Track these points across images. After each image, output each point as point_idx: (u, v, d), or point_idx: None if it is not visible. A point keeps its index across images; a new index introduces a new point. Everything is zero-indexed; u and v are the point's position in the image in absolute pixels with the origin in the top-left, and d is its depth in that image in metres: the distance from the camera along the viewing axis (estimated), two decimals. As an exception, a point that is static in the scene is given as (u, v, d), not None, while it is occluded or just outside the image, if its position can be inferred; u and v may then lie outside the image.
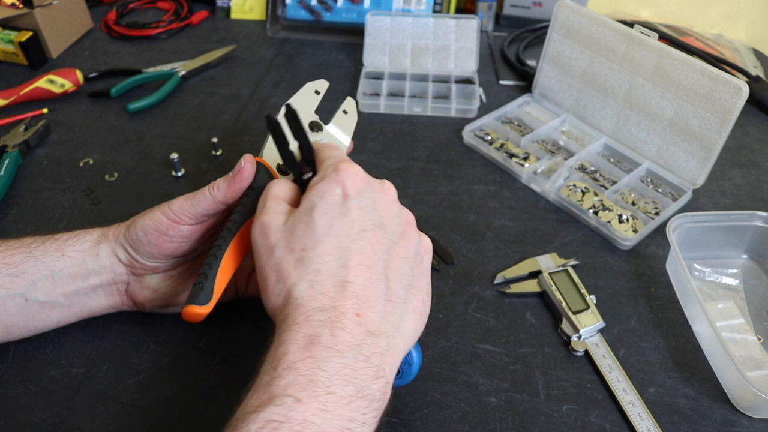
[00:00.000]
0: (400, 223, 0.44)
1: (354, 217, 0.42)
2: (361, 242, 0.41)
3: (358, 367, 0.38)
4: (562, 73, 0.81)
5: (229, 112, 0.85)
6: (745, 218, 0.63)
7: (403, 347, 0.42)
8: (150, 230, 0.50)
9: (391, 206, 0.44)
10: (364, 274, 0.40)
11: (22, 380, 0.52)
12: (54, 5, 0.93)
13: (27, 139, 0.76)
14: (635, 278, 0.63)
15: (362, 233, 0.41)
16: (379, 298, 0.40)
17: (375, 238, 0.42)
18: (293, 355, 0.37)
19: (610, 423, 0.51)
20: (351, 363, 0.37)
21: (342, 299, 0.39)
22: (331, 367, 0.37)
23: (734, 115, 0.65)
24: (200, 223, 0.51)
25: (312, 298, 0.39)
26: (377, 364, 0.39)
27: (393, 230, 0.43)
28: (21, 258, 0.50)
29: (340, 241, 0.41)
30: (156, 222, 0.50)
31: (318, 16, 1.02)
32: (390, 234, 0.43)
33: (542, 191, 0.72)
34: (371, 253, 0.41)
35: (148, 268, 0.52)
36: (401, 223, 0.44)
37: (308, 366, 0.36)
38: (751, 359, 0.55)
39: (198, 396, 0.52)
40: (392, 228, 0.43)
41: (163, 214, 0.50)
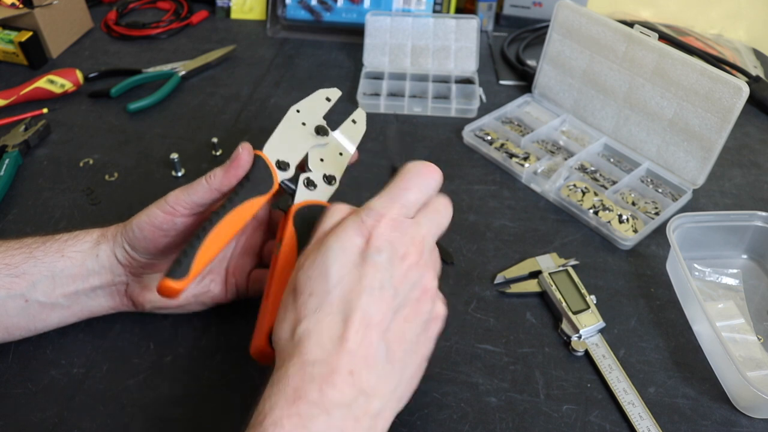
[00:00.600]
0: (415, 289, 0.41)
1: (366, 272, 0.40)
2: (366, 299, 0.39)
3: (346, 427, 0.36)
4: (562, 73, 0.81)
5: (229, 112, 0.85)
6: (745, 218, 0.63)
7: (395, 411, 0.41)
8: (145, 226, 0.50)
9: (410, 273, 0.41)
10: (363, 333, 0.38)
11: (22, 380, 0.52)
12: (54, 5, 0.93)
13: (27, 139, 0.76)
14: (635, 278, 0.63)
15: (371, 290, 0.39)
16: (378, 359, 0.39)
17: (383, 298, 0.40)
18: (280, 410, 0.36)
19: (610, 423, 0.51)
20: (338, 423, 0.36)
21: (336, 355, 0.37)
22: (317, 427, 0.35)
23: (734, 115, 0.65)
24: (195, 214, 0.51)
25: (308, 349, 0.38)
26: (367, 426, 0.37)
27: (405, 295, 0.41)
28: (21, 259, 0.50)
29: (345, 294, 0.39)
30: (152, 217, 0.50)
31: (318, 16, 1.02)
32: (401, 298, 0.40)
33: (542, 191, 0.72)
34: (376, 313, 0.39)
35: (145, 266, 0.52)
36: (416, 289, 0.41)
37: (293, 424, 0.35)
38: (751, 359, 0.55)
39: (198, 396, 0.52)
40: (404, 292, 0.41)
41: (159, 208, 0.50)
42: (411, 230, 0.42)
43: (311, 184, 0.54)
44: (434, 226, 0.44)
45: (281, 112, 0.84)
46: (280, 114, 0.84)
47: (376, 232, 0.41)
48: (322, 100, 0.59)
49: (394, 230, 0.41)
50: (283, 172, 0.54)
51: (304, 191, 0.53)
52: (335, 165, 0.56)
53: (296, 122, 0.57)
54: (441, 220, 0.45)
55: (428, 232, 0.43)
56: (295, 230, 0.50)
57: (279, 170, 0.53)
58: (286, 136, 0.56)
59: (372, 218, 0.41)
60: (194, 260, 0.46)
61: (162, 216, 0.50)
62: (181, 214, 0.50)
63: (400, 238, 0.41)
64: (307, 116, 0.58)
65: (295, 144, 0.56)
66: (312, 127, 0.57)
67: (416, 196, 0.44)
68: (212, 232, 0.48)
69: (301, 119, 0.57)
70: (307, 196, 0.53)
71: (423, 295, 0.42)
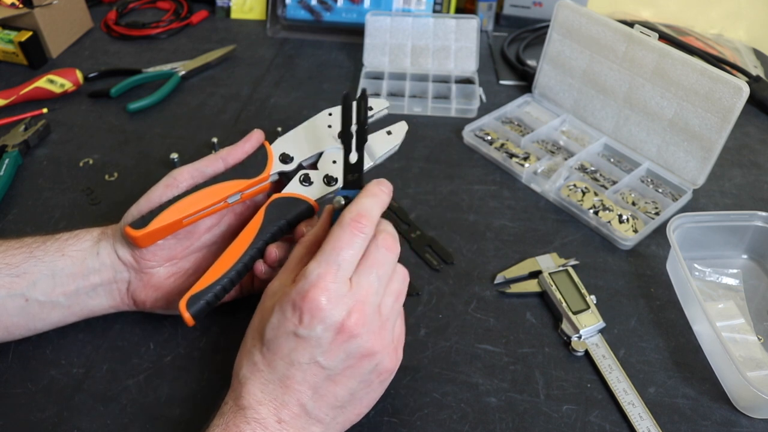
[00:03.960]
0: (350, 358, 0.42)
1: (297, 346, 0.42)
2: (295, 371, 0.42)
3: None
4: (562, 73, 0.81)
5: (229, 112, 0.85)
6: (745, 218, 0.63)
7: None
8: (144, 204, 0.51)
9: (344, 345, 0.42)
10: (293, 397, 0.42)
11: (22, 380, 0.52)
12: (54, 5, 0.93)
13: (27, 139, 0.76)
14: (635, 278, 0.63)
15: (299, 364, 0.42)
16: (307, 414, 0.43)
17: (311, 370, 0.42)
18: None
19: (610, 423, 0.51)
20: None
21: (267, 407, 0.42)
22: None
23: (734, 115, 0.65)
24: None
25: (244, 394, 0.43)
26: None
27: (333, 367, 0.42)
28: (21, 258, 0.50)
29: (277, 362, 0.42)
30: (150, 194, 0.51)
31: (318, 16, 1.02)
32: (330, 369, 0.42)
33: (542, 191, 0.72)
34: (302, 381, 0.42)
35: (149, 260, 0.52)
36: (351, 358, 0.43)
37: None
38: (751, 359, 0.55)
39: (198, 396, 0.52)
40: (336, 363, 0.42)
41: (159, 183, 0.52)
42: (346, 299, 0.42)
43: (307, 180, 0.54)
44: (375, 280, 0.43)
45: (281, 112, 0.85)
46: (280, 114, 0.85)
47: (307, 306, 0.41)
48: None
49: (328, 302, 0.41)
50: (284, 164, 0.54)
51: (296, 185, 0.54)
52: None
53: (322, 123, 0.57)
54: (383, 270, 0.44)
55: (368, 293, 0.43)
56: (264, 215, 0.52)
57: (282, 163, 0.54)
58: (304, 134, 0.56)
59: (305, 290, 0.41)
60: (156, 216, 0.49)
61: (161, 189, 0.51)
62: (180, 184, 0.51)
63: (334, 310, 0.41)
64: (338, 121, 0.57)
65: (310, 142, 0.56)
66: (337, 131, 0.57)
67: (350, 253, 0.43)
68: (184, 199, 0.50)
69: (328, 122, 0.58)
70: (296, 190, 0.54)
71: (359, 361, 0.43)
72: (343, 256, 0.42)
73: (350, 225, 0.43)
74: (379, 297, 0.44)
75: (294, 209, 0.53)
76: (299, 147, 0.56)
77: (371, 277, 0.43)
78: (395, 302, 0.45)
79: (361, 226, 0.43)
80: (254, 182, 0.53)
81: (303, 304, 0.41)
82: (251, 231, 0.51)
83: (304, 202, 0.53)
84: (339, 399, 0.43)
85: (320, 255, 0.43)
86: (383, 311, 0.44)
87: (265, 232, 0.51)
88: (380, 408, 0.51)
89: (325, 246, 0.43)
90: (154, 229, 0.49)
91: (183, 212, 0.50)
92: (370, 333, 0.42)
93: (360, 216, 0.43)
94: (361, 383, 0.44)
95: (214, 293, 0.49)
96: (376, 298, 0.43)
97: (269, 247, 0.51)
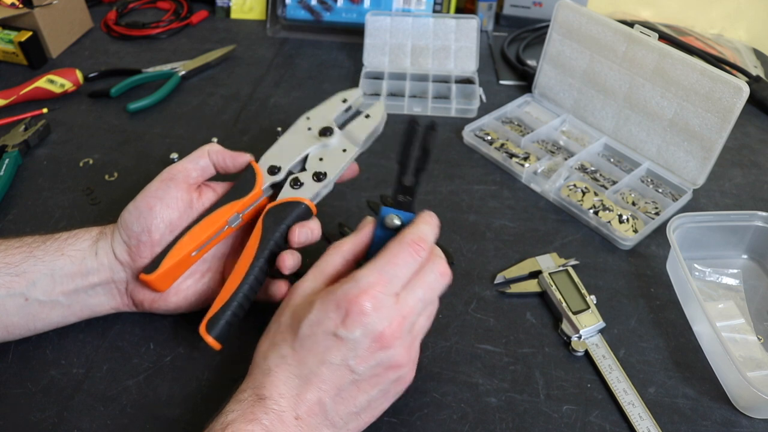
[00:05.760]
0: (378, 366, 0.43)
1: (332, 345, 0.42)
2: (324, 369, 0.43)
3: None
4: (562, 73, 0.81)
5: (228, 111, 0.85)
6: (745, 218, 0.63)
7: None
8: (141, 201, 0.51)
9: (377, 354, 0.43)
10: (315, 393, 0.43)
11: (22, 380, 0.52)
12: (54, 5, 0.93)
13: (27, 138, 0.76)
14: (635, 278, 0.63)
15: (330, 364, 0.42)
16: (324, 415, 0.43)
17: (340, 373, 0.43)
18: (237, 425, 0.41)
19: (610, 423, 0.51)
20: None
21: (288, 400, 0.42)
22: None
23: (734, 115, 0.65)
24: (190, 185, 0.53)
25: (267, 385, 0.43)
26: None
27: (364, 371, 0.43)
28: (21, 258, 0.50)
29: (308, 358, 0.43)
30: (145, 193, 0.52)
31: (318, 16, 1.02)
32: (359, 374, 0.43)
33: (542, 191, 0.72)
34: (328, 381, 0.43)
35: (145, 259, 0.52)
36: (379, 367, 0.43)
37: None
38: (751, 359, 0.55)
39: (198, 396, 0.52)
40: (364, 370, 0.43)
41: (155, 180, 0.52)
42: (391, 311, 0.43)
43: (297, 183, 0.55)
44: (419, 303, 0.45)
45: (281, 112, 0.85)
46: (280, 114, 0.85)
47: (353, 309, 0.42)
48: (338, 102, 0.60)
49: (374, 310, 0.42)
50: (273, 176, 0.55)
51: (288, 190, 0.55)
52: (332, 162, 0.56)
53: (302, 128, 0.58)
54: (430, 295, 0.46)
55: (411, 310, 0.44)
56: (262, 225, 0.53)
57: (271, 175, 0.55)
58: (287, 143, 0.57)
59: (353, 294, 0.42)
60: (166, 256, 0.50)
61: (157, 184, 0.52)
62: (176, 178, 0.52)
63: (377, 318, 0.42)
64: (316, 121, 0.58)
65: (293, 148, 0.57)
66: (317, 130, 0.58)
67: (404, 271, 0.44)
68: (188, 234, 0.51)
69: (308, 125, 0.58)
70: (290, 194, 0.54)
71: (386, 371, 0.44)
72: (397, 272, 0.44)
73: (411, 245, 0.45)
74: (418, 316, 0.45)
75: (291, 212, 0.53)
76: (284, 156, 0.56)
77: (417, 296, 0.44)
78: (427, 324, 0.47)
79: (420, 249, 0.45)
80: (249, 200, 0.54)
81: (349, 306, 0.42)
82: (253, 244, 0.52)
83: (299, 204, 0.54)
84: (357, 405, 0.44)
85: (374, 264, 0.44)
86: (415, 329, 0.46)
87: (267, 241, 0.52)
88: (380, 408, 0.51)
89: (380, 258, 0.44)
90: (167, 269, 0.50)
91: (189, 247, 0.51)
92: (401, 347, 0.44)
93: (421, 240, 0.45)
94: (380, 392, 0.45)
95: (233, 311, 0.50)
96: (414, 317, 0.45)
97: (282, 255, 0.52)
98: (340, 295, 0.43)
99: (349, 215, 0.68)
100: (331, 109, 0.59)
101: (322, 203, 0.56)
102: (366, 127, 0.58)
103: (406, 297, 0.44)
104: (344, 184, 0.72)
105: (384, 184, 0.72)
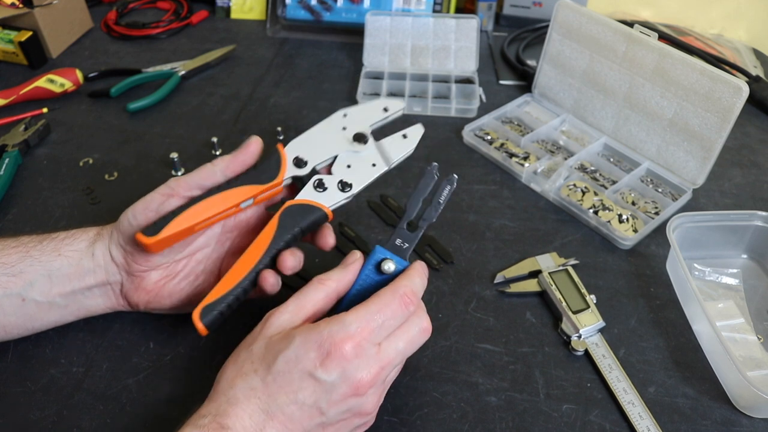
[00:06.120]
0: (348, 412, 0.43)
1: (306, 386, 0.42)
2: (294, 408, 0.42)
3: None
4: (562, 73, 0.81)
5: (228, 111, 0.85)
6: (745, 218, 0.63)
7: None
8: (140, 212, 0.50)
9: (349, 400, 0.43)
10: (278, 431, 0.42)
11: (22, 379, 0.52)
12: (54, 5, 0.93)
13: (27, 138, 0.76)
14: (635, 278, 0.63)
15: (301, 404, 0.42)
16: None
17: (309, 414, 0.42)
18: None
19: (610, 422, 0.51)
20: None
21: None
22: None
23: (734, 115, 0.65)
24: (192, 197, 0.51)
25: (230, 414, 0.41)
26: None
27: (333, 416, 0.43)
28: (18, 258, 0.50)
29: (279, 395, 0.42)
30: (147, 201, 0.50)
31: (318, 16, 1.02)
32: (326, 417, 0.42)
33: (542, 191, 0.72)
34: (296, 420, 0.42)
35: (139, 262, 0.51)
36: (348, 413, 0.43)
37: None
38: (751, 359, 0.55)
39: (198, 396, 0.51)
40: (333, 414, 0.43)
41: (157, 192, 0.51)
42: (371, 361, 0.43)
43: (321, 186, 0.53)
44: (399, 355, 0.44)
45: (281, 112, 0.85)
46: (280, 114, 0.85)
47: (335, 353, 0.41)
48: (379, 109, 0.57)
49: (355, 357, 0.42)
50: (298, 169, 0.53)
51: (310, 191, 0.53)
52: (360, 174, 0.54)
53: (337, 125, 0.56)
54: (409, 349, 0.45)
55: (390, 362, 0.44)
56: (277, 223, 0.51)
57: (296, 167, 0.53)
58: (318, 136, 0.55)
59: (339, 337, 0.42)
60: (169, 223, 0.48)
61: (159, 198, 0.50)
62: (179, 194, 0.50)
63: (357, 365, 0.42)
64: (353, 122, 0.56)
65: (324, 145, 0.55)
66: (352, 132, 0.55)
67: (392, 322, 0.44)
68: (197, 205, 0.49)
69: (343, 123, 0.56)
70: (310, 197, 0.53)
71: (353, 417, 0.44)
72: (385, 322, 0.44)
73: (403, 298, 0.45)
74: (393, 368, 0.45)
75: (309, 216, 0.52)
76: (313, 150, 0.54)
77: (398, 348, 0.44)
78: (395, 375, 0.47)
79: (410, 303, 0.45)
80: (268, 188, 0.52)
81: (332, 348, 0.41)
82: (265, 239, 0.50)
83: (319, 210, 0.52)
84: None
85: (364, 310, 0.43)
86: (387, 379, 0.46)
87: (279, 240, 0.50)
88: (380, 407, 0.51)
89: (371, 305, 0.44)
90: (167, 236, 0.48)
91: (195, 219, 0.49)
92: (374, 395, 0.44)
93: (413, 294, 0.45)
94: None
95: (228, 303, 0.49)
96: (391, 368, 0.44)
97: (284, 254, 0.50)
98: (326, 335, 0.42)
99: (349, 215, 0.68)
100: (370, 114, 0.57)
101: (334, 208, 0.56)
102: (401, 148, 0.56)
103: (387, 348, 0.44)
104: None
105: (384, 185, 0.72)
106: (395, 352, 0.44)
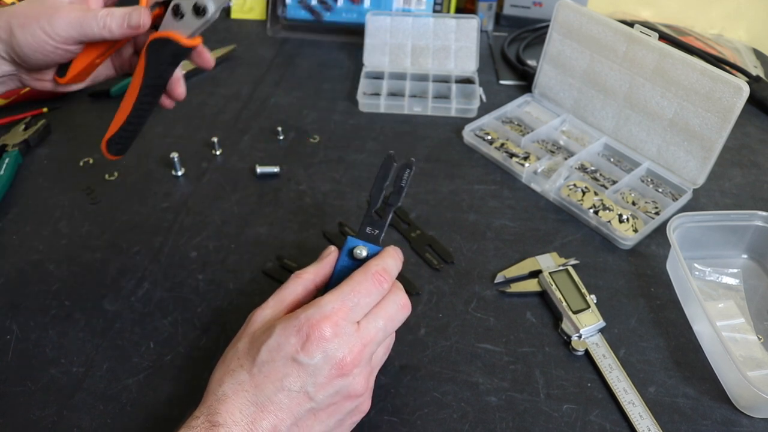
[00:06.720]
0: (337, 395, 0.43)
1: (291, 372, 0.42)
2: (282, 396, 0.42)
3: None
4: (562, 73, 0.81)
5: (229, 111, 0.85)
6: (745, 218, 0.63)
7: None
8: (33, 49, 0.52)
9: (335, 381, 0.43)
10: (270, 422, 0.42)
11: (22, 378, 0.52)
12: (54, 5, 0.93)
13: (27, 138, 0.76)
14: (635, 278, 0.63)
15: (288, 391, 0.42)
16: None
17: (298, 400, 0.42)
18: None
19: (611, 422, 0.51)
20: None
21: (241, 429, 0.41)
22: None
23: (734, 115, 0.65)
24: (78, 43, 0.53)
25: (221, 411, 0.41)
26: None
27: (322, 400, 0.43)
28: None
29: (266, 385, 0.42)
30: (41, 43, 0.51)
31: (318, 16, 1.02)
32: (315, 402, 0.43)
33: (542, 191, 0.72)
34: (285, 408, 0.42)
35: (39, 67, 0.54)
36: (337, 396, 0.43)
37: None
38: (752, 359, 0.55)
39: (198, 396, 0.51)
40: (322, 398, 0.43)
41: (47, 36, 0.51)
42: (351, 339, 0.43)
43: (178, 14, 0.53)
44: (380, 333, 0.45)
45: (281, 112, 0.85)
46: (280, 114, 0.85)
47: (314, 335, 0.42)
48: None
49: (334, 336, 0.42)
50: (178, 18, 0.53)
51: (170, 20, 0.53)
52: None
53: None
54: (390, 326, 0.46)
55: (371, 339, 0.44)
56: (145, 58, 0.53)
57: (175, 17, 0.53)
58: None
59: (315, 319, 0.42)
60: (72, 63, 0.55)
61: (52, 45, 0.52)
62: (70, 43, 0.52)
63: (338, 345, 0.42)
64: None
65: None
66: None
67: (367, 300, 0.44)
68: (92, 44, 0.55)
69: None
70: (170, 27, 0.53)
71: (344, 400, 0.44)
72: (360, 300, 0.44)
73: (375, 276, 0.45)
74: (377, 346, 0.45)
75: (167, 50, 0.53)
76: None
77: (378, 325, 0.44)
78: (384, 356, 0.48)
79: (383, 281, 0.45)
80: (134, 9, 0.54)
81: (310, 331, 0.42)
82: (138, 77, 0.55)
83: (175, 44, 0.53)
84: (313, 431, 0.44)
85: (338, 292, 0.44)
86: (374, 360, 0.46)
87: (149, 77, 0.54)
88: (380, 407, 0.51)
89: (344, 286, 0.44)
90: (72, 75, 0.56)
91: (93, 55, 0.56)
92: (360, 375, 0.44)
93: (385, 271, 0.46)
94: (337, 422, 0.45)
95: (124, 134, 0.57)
96: (374, 346, 0.45)
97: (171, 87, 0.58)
98: (303, 319, 0.42)
99: (349, 215, 0.68)
100: None
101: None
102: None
103: (366, 326, 0.44)
104: (344, 184, 0.72)
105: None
106: (375, 329, 0.44)
